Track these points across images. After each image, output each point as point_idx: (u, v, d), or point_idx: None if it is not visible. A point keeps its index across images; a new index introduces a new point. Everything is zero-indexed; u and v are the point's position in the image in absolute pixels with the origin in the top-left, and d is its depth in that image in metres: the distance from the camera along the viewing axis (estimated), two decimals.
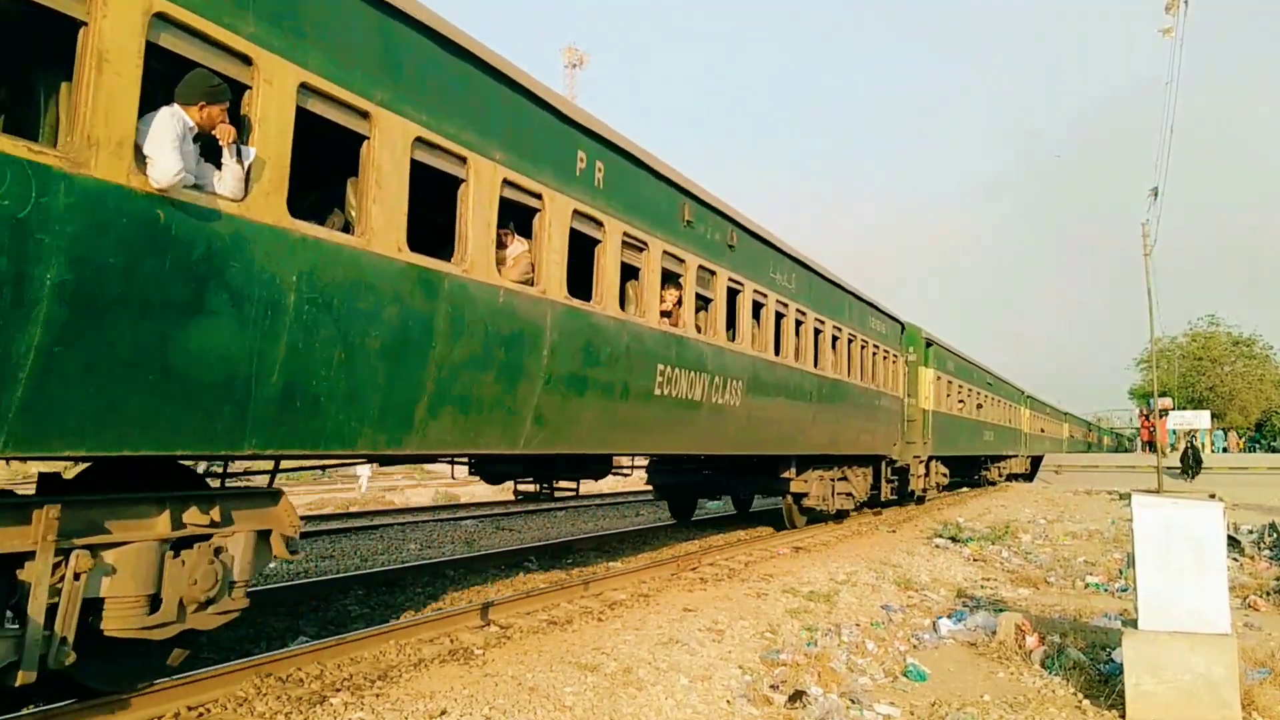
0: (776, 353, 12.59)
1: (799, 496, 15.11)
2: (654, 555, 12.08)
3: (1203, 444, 52.49)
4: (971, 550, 14.09)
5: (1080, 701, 5.97)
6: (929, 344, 23.01)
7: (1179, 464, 32.59)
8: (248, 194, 4.76)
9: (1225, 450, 55.79)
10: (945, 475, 25.23)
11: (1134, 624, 5.75)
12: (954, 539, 15.16)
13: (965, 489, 32.66)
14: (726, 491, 17.80)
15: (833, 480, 16.03)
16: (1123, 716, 5.56)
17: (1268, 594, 9.97)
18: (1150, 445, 39.74)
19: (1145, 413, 42.03)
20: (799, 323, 13.60)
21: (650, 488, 16.22)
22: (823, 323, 14.59)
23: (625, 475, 11.02)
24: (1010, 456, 37.42)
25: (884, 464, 19.10)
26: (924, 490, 22.96)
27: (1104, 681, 6.22)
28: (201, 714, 5.08)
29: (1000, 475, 36.62)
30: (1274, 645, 7.39)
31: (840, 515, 17.49)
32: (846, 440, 15.85)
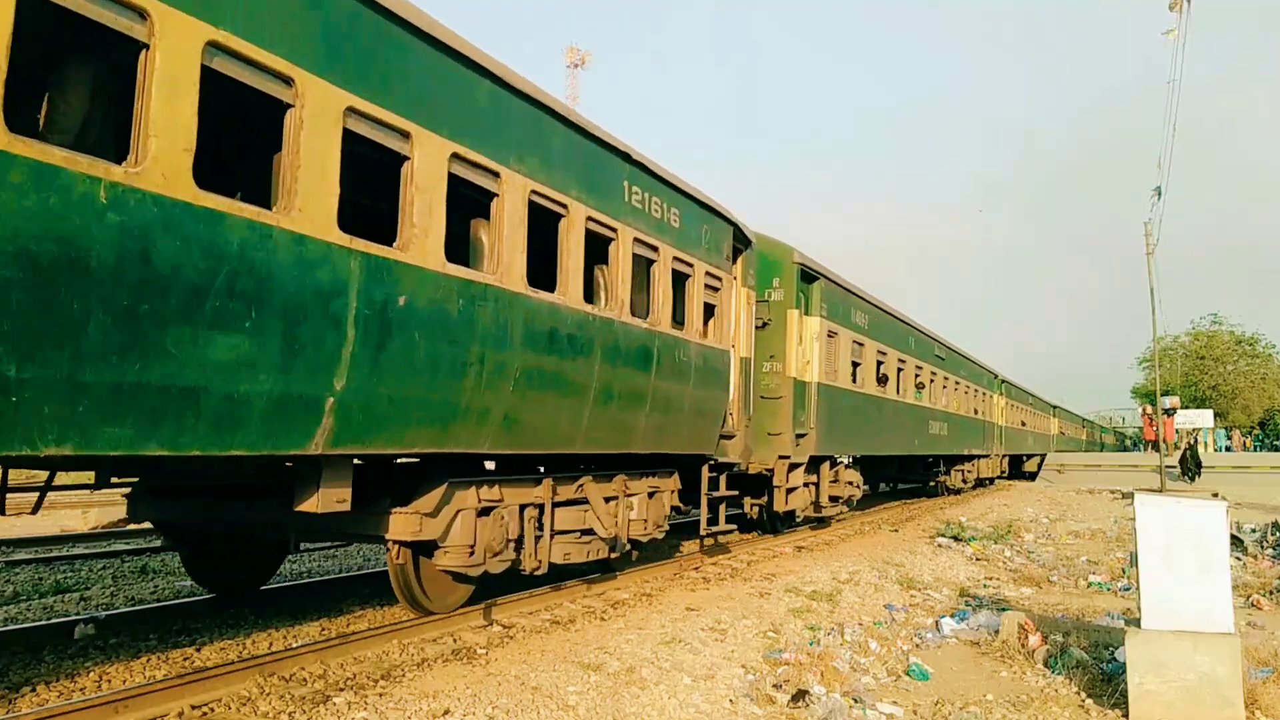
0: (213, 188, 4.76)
1: (422, 547, 7.11)
2: (657, 555, 12.08)
3: (1205, 443, 52.53)
4: (974, 549, 14.09)
5: (1083, 701, 5.97)
6: (809, 276, 14.02)
7: (1178, 466, 32.47)
8: None
9: (1229, 449, 55.78)
10: (857, 485, 16.36)
11: (1137, 623, 5.75)
12: (956, 538, 15.16)
13: (903, 501, 24.47)
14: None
15: (532, 508, 7.74)
16: (1126, 716, 5.55)
17: (1271, 593, 9.96)
18: (1153, 445, 39.46)
19: (1149, 412, 41.05)
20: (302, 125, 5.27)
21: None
22: (428, 138, 6.18)
23: None
24: (977, 457, 28.97)
25: (707, 470, 10.63)
26: (815, 508, 14.61)
27: (1107, 681, 6.22)
28: (205, 713, 5.09)
29: (963, 481, 27.97)
30: (1277, 644, 7.38)
31: (603, 569, 9.43)
32: (567, 425, 7.85)
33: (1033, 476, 39.76)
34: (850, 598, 9.47)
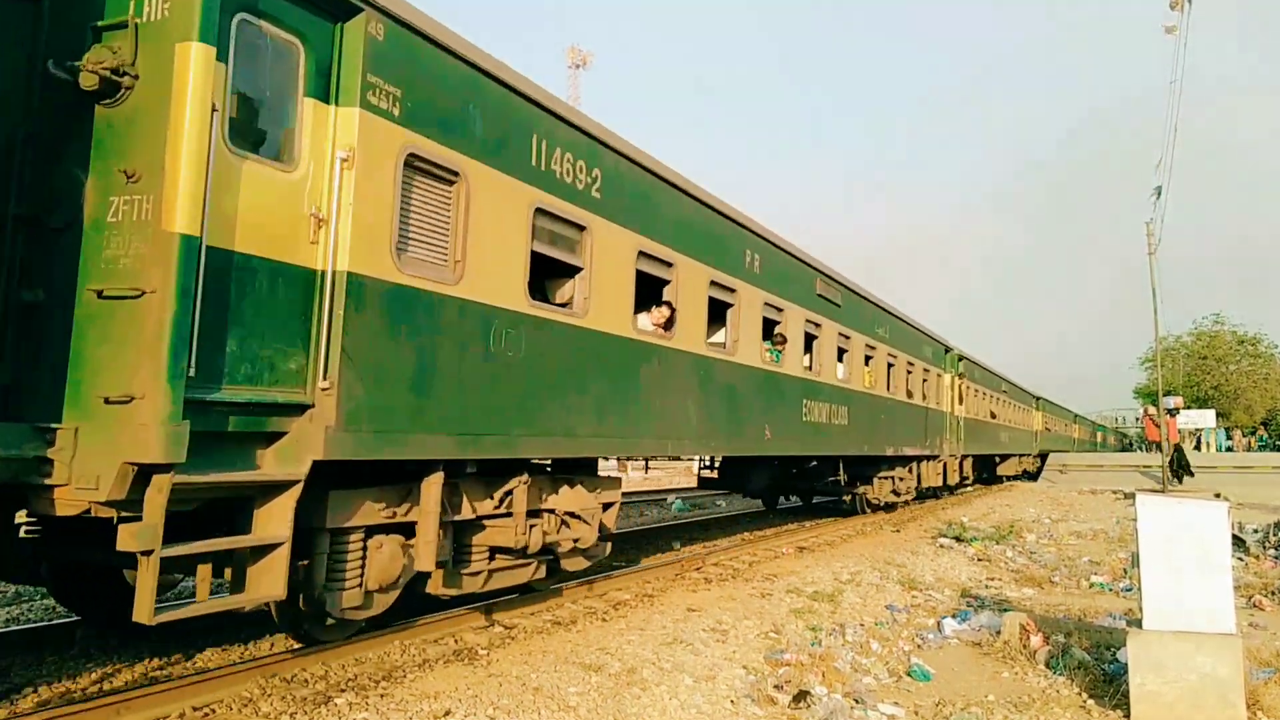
0: None
1: None
2: (658, 555, 12.08)
3: (1207, 443, 52.49)
4: (976, 550, 14.08)
5: (1085, 701, 5.97)
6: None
7: (1169, 468, 32.08)
8: None
9: (1229, 449, 55.73)
10: (525, 542, 7.26)
11: (1138, 624, 5.75)
12: (958, 538, 15.15)
13: (747, 532, 15.32)
14: None
15: None
16: (1127, 716, 5.55)
17: (1273, 593, 9.96)
18: (1155, 445, 39.18)
19: (1151, 413, 40.45)
20: None
21: None
22: None
23: None
24: (916, 458, 20.24)
25: None
26: (365, 600, 5.93)
27: (1108, 681, 6.22)
28: (207, 714, 5.10)
29: (894, 493, 19.20)
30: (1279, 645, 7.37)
31: None
32: None
33: (1034, 477, 39.63)
34: (852, 598, 9.47)
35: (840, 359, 15.07)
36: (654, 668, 6.32)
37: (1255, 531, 15.71)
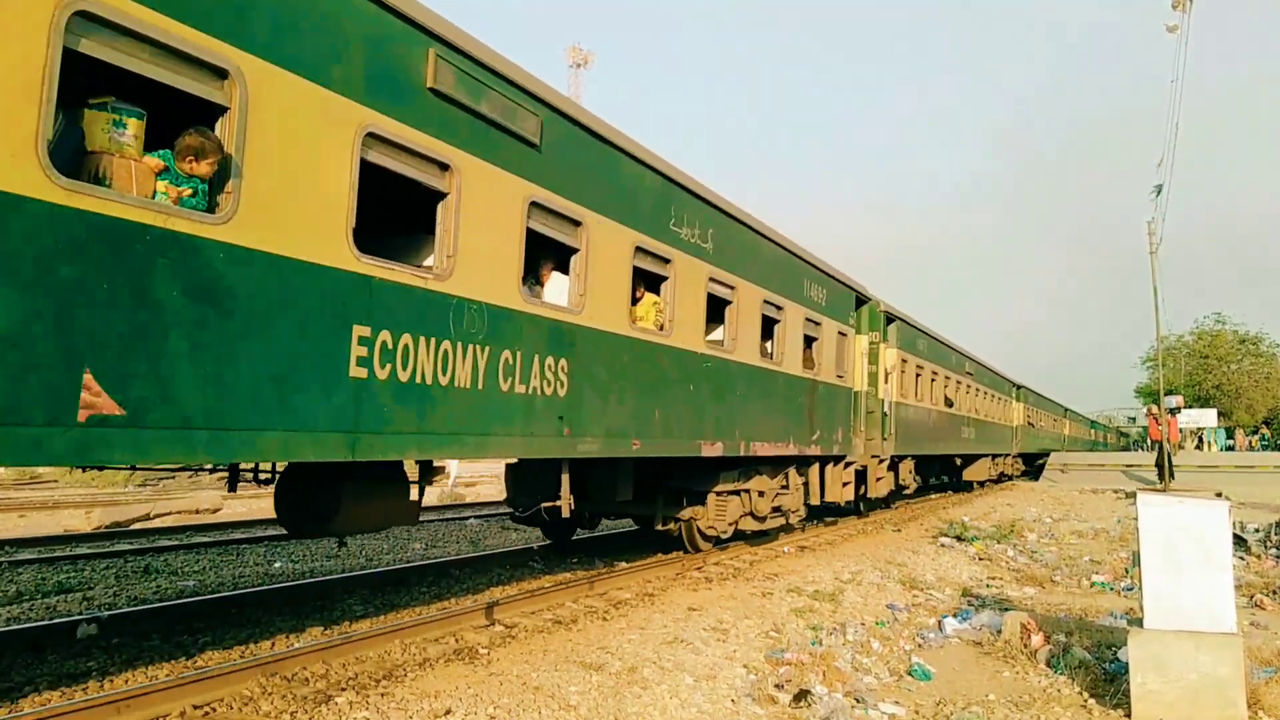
0: None
1: None
2: (659, 555, 12.08)
3: (1208, 442, 52.51)
4: (977, 549, 14.08)
5: (1085, 701, 5.97)
6: None
7: (1154, 468, 31.86)
8: None
9: (1230, 448, 55.75)
10: None
11: (1139, 623, 5.75)
12: (959, 538, 15.15)
13: None
14: None
15: None
16: (1128, 716, 5.55)
17: (1274, 592, 9.95)
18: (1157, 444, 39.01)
19: (1154, 412, 40.04)
20: None
21: None
22: None
23: None
24: (795, 462, 13.09)
25: None
26: None
27: (1109, 680, 6.21)
28: (207, 713, 5.10)
29: (754, 517, 11.91)
30: None
31: None
32: None
33: (1034, 478, 39.58)
34: (852, 597, 9.47)
35: (564, 268, 8.03)
36: (655, 667, 6.32)
37: (1256, 531, 15.70)
